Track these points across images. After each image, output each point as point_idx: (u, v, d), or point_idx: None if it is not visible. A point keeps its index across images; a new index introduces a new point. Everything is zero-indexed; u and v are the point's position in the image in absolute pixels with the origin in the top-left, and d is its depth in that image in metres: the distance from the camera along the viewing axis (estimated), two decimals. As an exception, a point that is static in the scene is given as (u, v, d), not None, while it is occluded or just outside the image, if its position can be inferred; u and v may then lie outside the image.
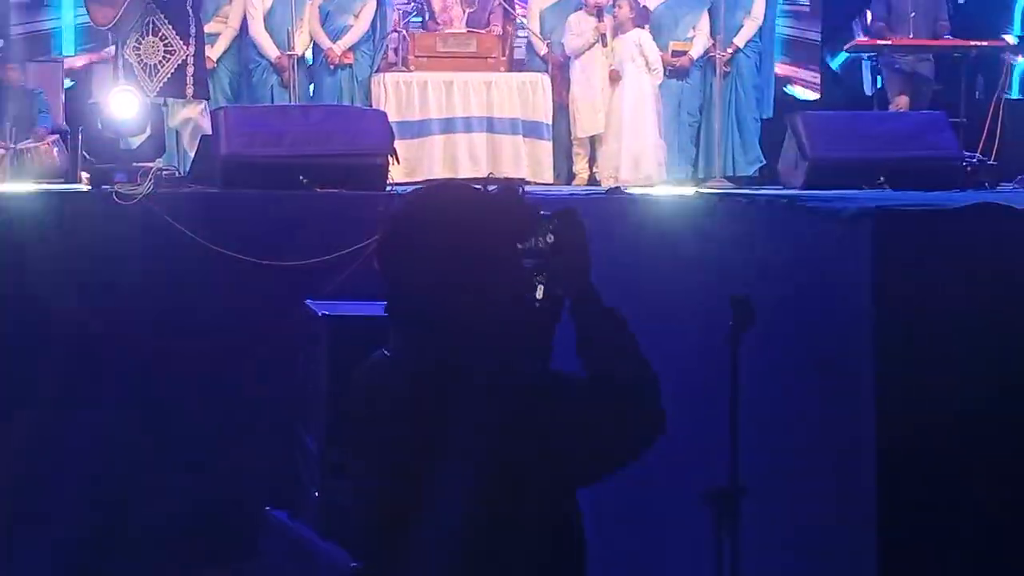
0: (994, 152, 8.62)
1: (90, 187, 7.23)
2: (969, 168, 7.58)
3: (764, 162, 9.28)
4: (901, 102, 9.43)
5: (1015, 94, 10.82)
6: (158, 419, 6.56)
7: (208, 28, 9.26)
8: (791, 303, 3.56)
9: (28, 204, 7.05)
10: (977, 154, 8.33)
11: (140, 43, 8.15)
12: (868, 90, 10.72)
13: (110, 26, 8.35)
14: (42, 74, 10.38)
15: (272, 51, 9.21)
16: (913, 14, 9.75)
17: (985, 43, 9.60)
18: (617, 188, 5.09)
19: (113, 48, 8.57)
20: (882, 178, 6.77)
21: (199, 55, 8.28)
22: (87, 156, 7.69)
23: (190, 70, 8.19)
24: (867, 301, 3.10)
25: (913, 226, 3.25)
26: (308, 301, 5.91)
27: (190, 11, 8.26)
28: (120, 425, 6.47)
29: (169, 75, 8.13)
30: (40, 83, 10.02)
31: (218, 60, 9.29)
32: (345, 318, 5.59)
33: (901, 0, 9.82)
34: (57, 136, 9.39)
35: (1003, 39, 10.82)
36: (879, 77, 10.03)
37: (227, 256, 6.67)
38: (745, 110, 9.58)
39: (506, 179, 2.56)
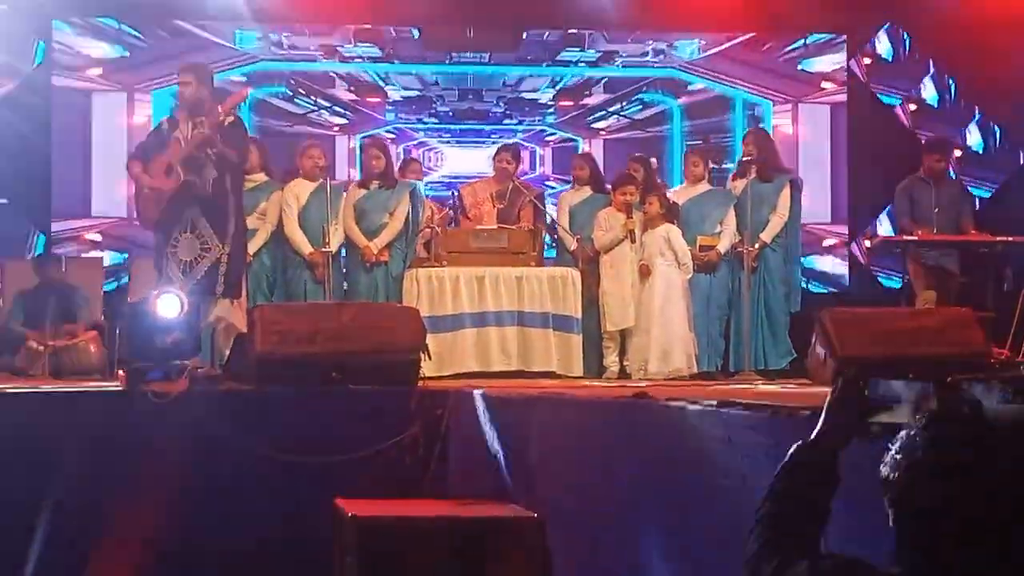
0: (1023, 347, 8.67)
1: (126, 385, 7.24)
2: (997, 365, 7.56)
3: (795, 355, 9.24)
4: (928, 297, 9.38)
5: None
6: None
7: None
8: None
9: (64, 402, 7.09)
10: (1006, 350, 8.39)
11: (179, 240, 8.27)
12: (895, 284, 10.83)
13: (154, 223, 8.49)
14: (82, 270, 10.48)
15: (306, 247, 9.28)
16: (936, 209, 9.79)
17: (1011, 239, 9.58)
18: (645, 393, 5.15)
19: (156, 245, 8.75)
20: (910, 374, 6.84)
21: (236, 255, 8.32)
22: (124, 353, 7.80)
23: (223, 268, 8.23)
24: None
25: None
26: (339, 499, 5.92)
27: (231, 210, 8.35)
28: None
29: (203, 272, 8.18)
30: (80, 279, 10.12)
31: (255, 255, 9.35)
32: (375, 518, 5.63)
33: (925, 195, 9.89)
34: (95, 333, 9.45)
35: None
36: (905, 271, 10.06)
37: (261, 453, 6.71)
38: (774, 304, 9.57)
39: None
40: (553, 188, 11.70)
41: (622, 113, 12.81)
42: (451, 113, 12.73)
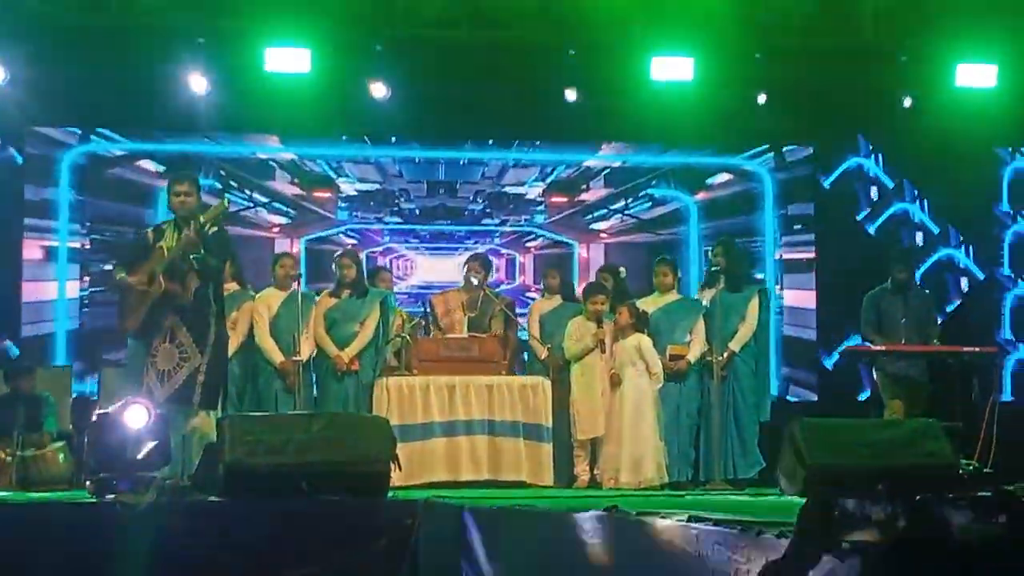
0: (990, 457, 8.68)
1: (94, 495, 7.14)
2: (966, 476, 7.53)
3: (764, 464, 9.22)
4: (895, 407, 9.42)
5: (1007, 395, 10.94)
6: None
7: None
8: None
9: (31, 512, 6.96)
10: (973, 461, 8.37)
11: (158, 349, 8.19)
12: (862, 394, 10.86)
13: (133, 331, 8.42)
14: (51, 379, 10.38)
15: (277, 356, 9.27)
16: (904, 319, 9.83)
17: (977, 349, 9.62)
18: (615, 507, 5.14)
19: (126, 353, 8.65)
20: (880, 486, 6.85)
21: (213, 364, 8.24)
22: (91, 464, 7.71)
23: (200, 378, 8.17)
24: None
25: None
26: None
27: (212, 320, 8.30)
28: None
29: (180, 382, 8.12)
30: (49, 387, 10.01)
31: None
32: None
33: (892, 305, 9.93)
34: (63, 443, 9.33)
35: (996, 344, 11.01)
36: (872, 381, 10.11)
37: (226, 564, 6.53)
38: (744, 413, 9.56)
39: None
40: (533, 299, 11.47)
41: (627, 211, 12.42)
42: (418, 212, 12.24)
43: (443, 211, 12.31)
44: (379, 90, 11.49)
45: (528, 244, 12.43)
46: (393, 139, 12.16)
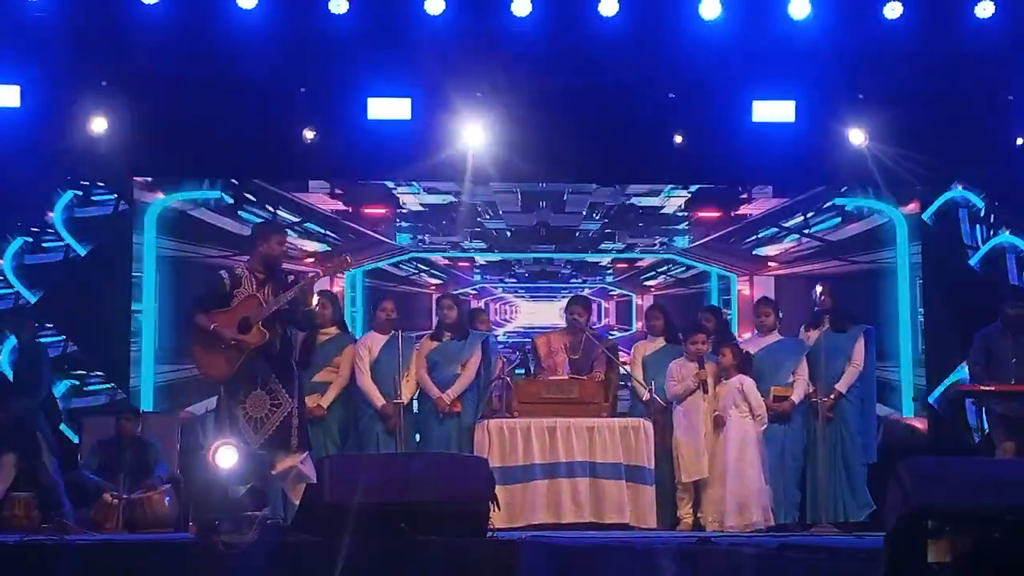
0: None
1: (197, 536, 7.25)
2: None
3: (874, 507, 9.13)
4: (1008, 448, 9.25)
5: None
6: None
7: (319, 377, 9.54)
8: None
9: (138, 553, 7.09)
10: None
11: (247, 397, 8.29)
12: (974, 437, 10.64)
13: (223, 381, 8.56)
14: (158, 425, 10.60)
15: (378, 400, 9.36)
16: (1015, 360, 9.66)
17: None
18: (708, 539, 5.15)
19: (217, 400, 8.79)
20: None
21: (301, 406, 8.42)
22: (195, 506, 7.81)
23: (295, 421, 8.30)
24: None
25: None
26: None
27: (293, 364, 8.47)
28: None
29: (275, 427, 8.24)
30: (157, 433, 10.23)
31: (328, 408, 9.44)
32: None
33: (1001, 346, 9.78)
34: (169, 486, 9.52)
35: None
36: (983, 422, 9.95)
37: None
38: (851, 455, 9.51)
39: None
40: (614, 335, 11.55)
41: (669, 274, 12.42)
42: (527, 275, 12.41)
43: (544, 273, 12.43)
44: (476, 136, 11.58)
45: (610, 293, 12.50)
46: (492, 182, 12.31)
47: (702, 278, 12.44)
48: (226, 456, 7.50)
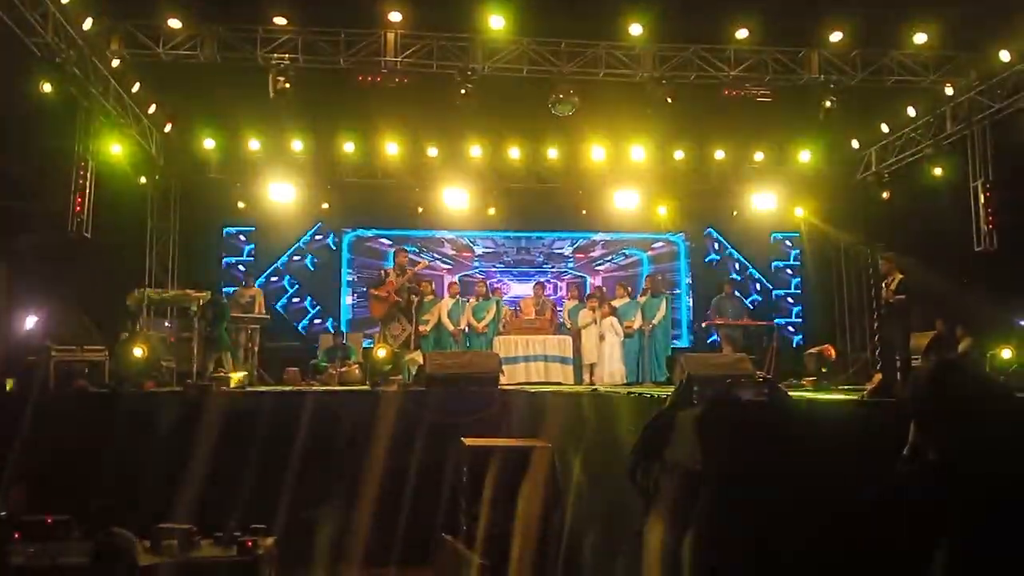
0: (769, 369, 9.12)
1: (370, 387, 7.66)
2: (760, 379, 7.43)
3: (669, 375, 9.82)
4: (726, 350, 10.10)
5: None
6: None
7: (426, 317, 10.12)
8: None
9: (338, 397, 6.99)
10: (764, 372, 8.72)
11: (390, 326, 9.14)
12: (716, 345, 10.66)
13: (380, 318, 9.23)
14: (351, 336, 11.02)
15: (451, 328, 9.99)
16: (730, 309, 10.67)
17: (761, 323, 10.29)
18: (595, 388, 5.69)
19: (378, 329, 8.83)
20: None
21: (416, 330, 9.08)
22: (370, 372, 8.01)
23: (413, 338, 9.11)
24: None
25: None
26: (463, 439, 6.12)
27: (412, 312, 9.21)
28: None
29: (403, 339, 9.10)
30: (351, 341, 10.60)
31: (430, 331, 10.03)
32: (477, 447, 5.86)
33: (725, 303, 10.64)
34: (362, 363, 9.55)
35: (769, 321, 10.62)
36: (718, 338, 10.32)
37: (426, 419, 6.65)
38: (660, 349, 10.31)
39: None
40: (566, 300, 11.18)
41: (613, 261, 12.89)
42: (512, 262, 12.69)
43: (524, 261, 12.69)
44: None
45: (563, 276, 12.60)
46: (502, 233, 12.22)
47: (634, 265, 12.58)
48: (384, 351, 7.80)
